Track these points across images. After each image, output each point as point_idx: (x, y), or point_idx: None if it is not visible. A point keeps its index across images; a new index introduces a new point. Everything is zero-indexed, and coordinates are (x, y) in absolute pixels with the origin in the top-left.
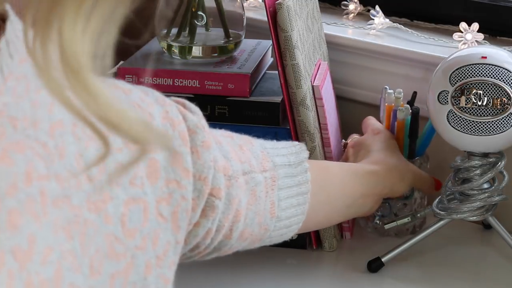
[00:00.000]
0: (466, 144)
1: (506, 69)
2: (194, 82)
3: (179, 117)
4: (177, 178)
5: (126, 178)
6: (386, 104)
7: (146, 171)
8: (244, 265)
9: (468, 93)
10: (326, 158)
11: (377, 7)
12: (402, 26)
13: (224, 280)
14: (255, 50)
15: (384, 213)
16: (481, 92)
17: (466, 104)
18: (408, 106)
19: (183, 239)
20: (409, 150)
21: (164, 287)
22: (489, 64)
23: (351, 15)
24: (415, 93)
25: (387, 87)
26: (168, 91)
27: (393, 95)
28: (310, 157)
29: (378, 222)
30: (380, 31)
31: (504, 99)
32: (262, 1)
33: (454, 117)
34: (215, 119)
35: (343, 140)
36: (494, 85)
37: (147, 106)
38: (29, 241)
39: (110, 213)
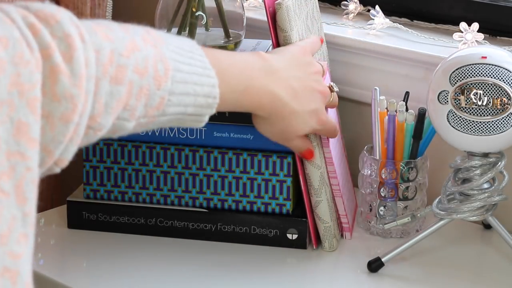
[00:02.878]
0: (466, 144)
1: (506, 69)
2: None
3: (33, 81)
4: (20, 149)
5: None
6: (379, 110)
7: None
8: (244, 265)
9: (468, 93)
10: (325, 157)
11: (377, 7)
12: (402, 26)
13: (224, 280)
14: (255, 50)
15: (384, 213)
16: (481, 92)
17: (466, 104)
18: (412, 111)
19: (33, 210)
20: (412, 150)
21: (13, 264)
22: (489, 64)
23: (351, 15)
24: (407, 93)
25: (377, 88)
26: None
27: (385, 101)
28: None
29: (381, 225)
30: (380, 31)
31: (504, 99)
32: (262, 1)
33: (454, 117)
34: (215, 119)
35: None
36: (494, 85)
37: None
38: None
39: None
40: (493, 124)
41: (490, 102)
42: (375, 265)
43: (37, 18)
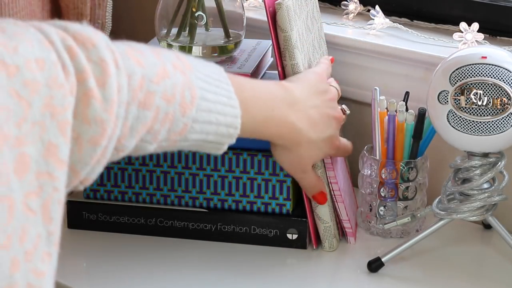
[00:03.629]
0: (466, 144)
1: (506, 69)
2: None
3: (65, 105)
4: (49, 170)
5: None
6: (379, 110)
7: (14, 166)
8: (244, 265)
9: (468, 93)
10: (325, 162)
11: (377, 7)
12: (402, 26)
13: (224, 280)
14: (255, 50)
15: (384, 213)
16: (481, 92)
17: (466, 104)
18: (412, 111)
19: (58, 229)
20: (412, 150)
21: (38, 281)
22: (489, 64)
23: (351, 15)
24: (407, 93)
25: (377, 88)
26: None
27: (385, 101)
28: None
29: (381, 225)
30: (380, 31)
31: (504, 99)
32: (262, 1)
33: (454, 117)
34: None
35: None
36: (494, 85)
37: (29, 94)
38: None
39: None
40: (493, 124)
41: (490, 102)
42: (375, 265)
43: (75, 41)
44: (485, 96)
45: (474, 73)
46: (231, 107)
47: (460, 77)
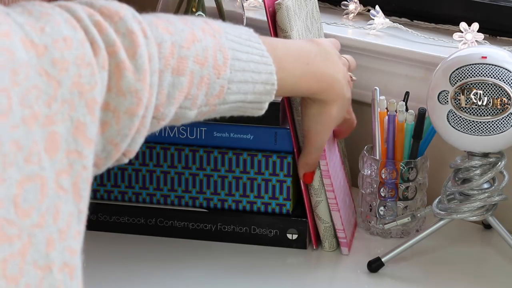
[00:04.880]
0: (466, 144)
1: (506, 69)
2: None
3: (92, 83)
4: (78, 148)
5: (21, 156)
6: (379, 110)
7: (45, 145)
8: (244, 265)
9: (468, 93)
10: (321, 170)
11: (377, 7)
12: (402, 26)
13: (224, 280)
14: None
15: (384, 213)
16: (481, 92)
17: (466, 104)
18: (412, 111)
19: (86, 208)
20: (412, 150)
21: (71, 259)
22: (489, 64)
23: (351, 15)
24: (407, 93)
25: (377, 88)
26: None
27: (385, 101)
28: None
29: (381, 225)
30: (380, 31)
31: (504, 99)
32: (262, 1)
33: (454, 117)
34: (215, 119)
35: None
36: (494, 85)
37: (58, 72)
38: None
39: (1, 196)
40: (493, 124)
41: (490, 102)
42: (375, 265)
43: (102, 16)
44: (485, 96)
45: (474, 73)
46: (265, 65)
47: (460, 77)
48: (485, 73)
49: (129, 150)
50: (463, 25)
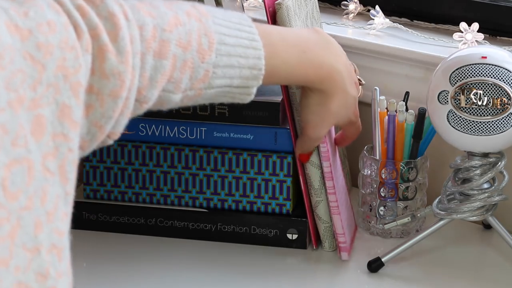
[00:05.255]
0: (466, 144)
1: (506, 69)
2: None
3: (76, 67)
4: (64, 131)
5: (8, 140)
6: (379, 110)
7: (31, 128)
8: (244, 265)
9: (468, 93)
10: (324, 172)
11: (377, 7)
12: (402, 26)
13: (224, 280)
14: None
15: (384, 213)
16: (481, 92)
17: (466, 104)
18: (412, 111)
19: (73, 190)
20: (412, 150)
21: (59, 241)
22: (489, 64)
23: (351, 15)
24: (407, 93)
25: (377, 88)
26: None
27: (385, 101)
28: (310, 157)
29: (381, 225)
30: (380, 31)
31: (504, 99)
32: (262, 1)
33: (454, 117)
34: (215, 119)
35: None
36: (494, 85)
37: (43, 56)
38: None
39: None
40: (493, 124)
41: (490, 102)
42: (375, 265)
43: (84, 0)
44: (485, 96)
45: (474, 73)
46: (254, 49)
47: (460, 77)
48: (485, 73)
49: (113, 132)
50: (463, 25)
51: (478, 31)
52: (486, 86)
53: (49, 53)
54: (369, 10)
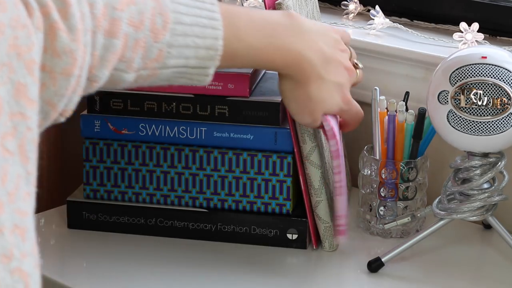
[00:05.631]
0: (466, 144)
1: (506, 69)
2: None
3: (29, 44)
4: (21, 110)
5: None
6: (379, 110)
7: None
8: (244, 265)
9: (468, 93)
10: (331, 150)
11: (377, 7)
12: (402, 26)
13: (224, 280)
14: None
15: (384, 213)
16: (481, 92)
17: (466, 104)
18: (412, 111)
19: (35, 169)
20: (412, 150)
21: (22, 221)
22: (489, 64)
23: (351, 15)
24: (407, 93)
25: (377, 88)
26: (168, 91)
27: (385, 101)
28: (310, 157)
29: (381, 225)
30: (380, 31)
31: (504, 99)
32: (262, 1)
33: (454, 117)
34: (215, 119)
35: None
36: (494, 85)
37: None
38: None
39: None
40: (493, 124)
41: (490, 102)
42: (375, 265)
43: None
44: (485, 96)
45: (474, 73)
46: (212, 29)
47: (460, 77)
48: (485, 73)
49: (66, 110)
50: (463, 25)
51: (478, 31)
52: (486, 86)
53: (1, 32)
54: (369, 10)
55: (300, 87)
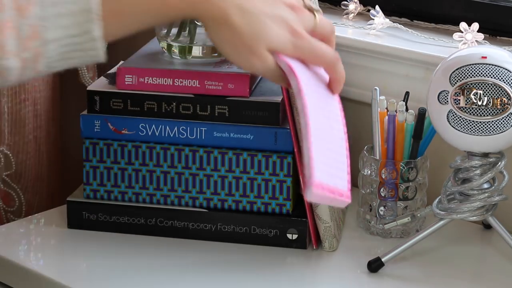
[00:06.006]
0: (466, 144)
1: (506, 69)
2: (194, 82)
3: None
4: None
5: None
6: (379, 110)
7: None
8: (244, 265)
9: (468, 93)
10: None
11: (377, 7)
12: (402, 26)
13: (224, 280)
14: None
15: (384, 213)
16: (481, 92)
17: (466, 104)
18: (412, 111)
19: None
20: (412, 150)
21: None
22: (489, 64)
23: (351, 15)
24: (407, 93)
25: (377, 88)
26: (168, 91)
27: (385, 101)
28: None
29: (381, 225)
30: (380, 31)
31: (504, 99)
32: None
33: (454, 117)
34: (215, 119)
35: None
36: (494, 85)
37: None
38: None
39: None
40: (493, 124)
41: (490, 102)
42: (375, 265)
43: None
44: (485, 96)
45: (474, 73)
46: None
47: (460, 77)
48: (485, 73)
49: None
50: (463, 25)
51: (478, 31)
52: (486, 86)
53: None
54: (369, 10)
55: (222, 24)
